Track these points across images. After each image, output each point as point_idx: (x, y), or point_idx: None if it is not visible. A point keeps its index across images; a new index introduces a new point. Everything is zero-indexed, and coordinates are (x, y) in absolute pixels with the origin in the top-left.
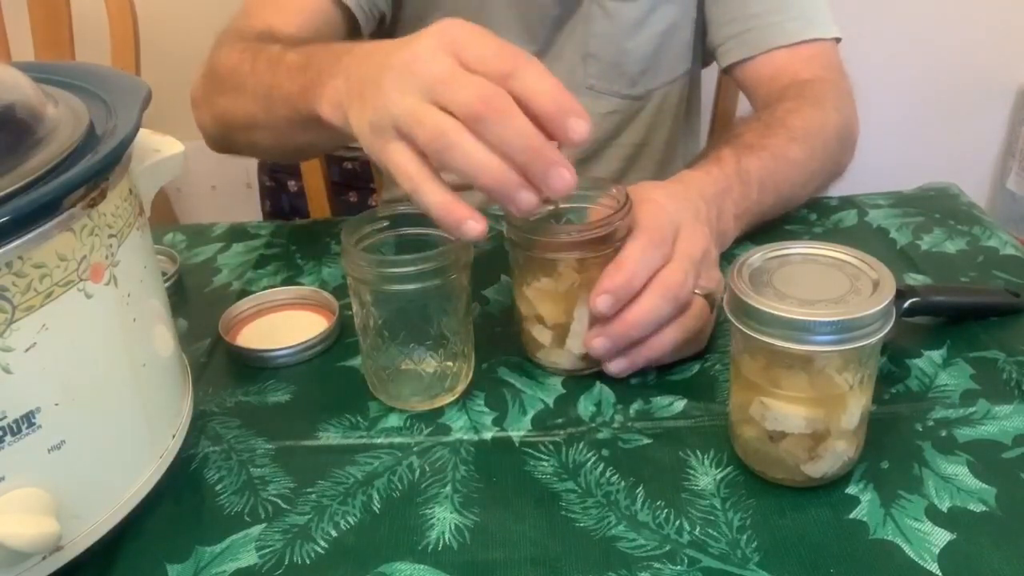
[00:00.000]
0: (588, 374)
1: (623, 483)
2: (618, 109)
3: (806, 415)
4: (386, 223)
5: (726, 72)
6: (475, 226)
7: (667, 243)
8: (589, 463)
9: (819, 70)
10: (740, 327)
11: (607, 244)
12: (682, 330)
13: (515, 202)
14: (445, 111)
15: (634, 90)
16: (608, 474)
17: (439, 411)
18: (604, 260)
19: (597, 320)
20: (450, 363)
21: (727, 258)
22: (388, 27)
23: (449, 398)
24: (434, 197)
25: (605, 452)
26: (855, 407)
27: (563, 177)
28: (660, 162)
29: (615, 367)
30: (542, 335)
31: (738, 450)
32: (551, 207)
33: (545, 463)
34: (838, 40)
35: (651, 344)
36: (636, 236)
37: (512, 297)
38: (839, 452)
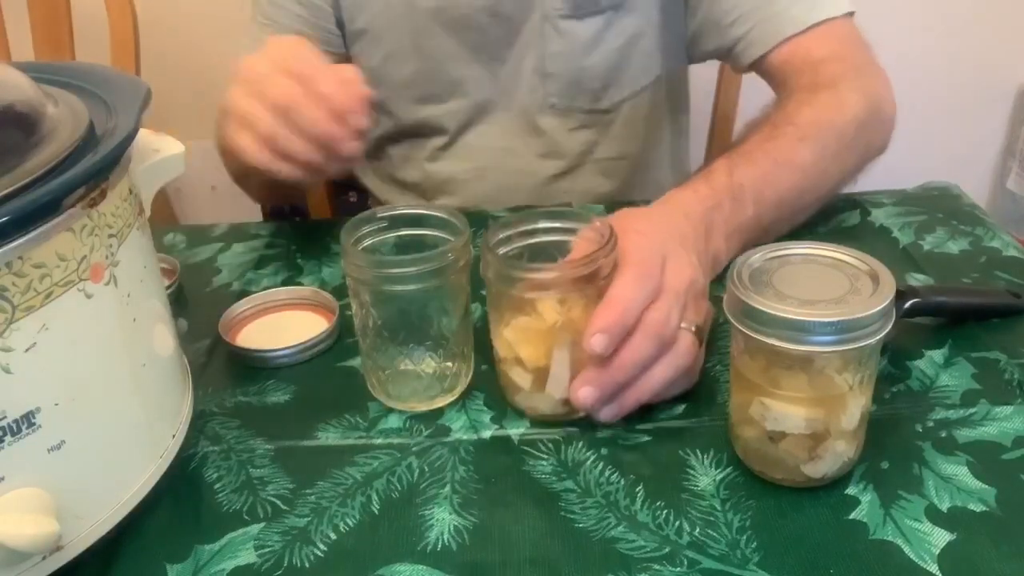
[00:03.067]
0: (572, 420)
1: (623, 482)
2: (585, 124)
3: (806, 415)
4: (385, 223)
5: (751, 69)
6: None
7: (655, 276)
8: (588, 462)
9: (834, 45)
10: (740, 327)
11: (591, 282)
12: (671, 368)
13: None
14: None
15: (599, 104)
16: (608, 473)
17: (438, 411)
18: (587, 298)
19: (579, 365)
20: (449, 363)
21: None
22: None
23: (448, 399)
24: (279, 163)
25: (604, 451)
26: (855, 407)
27: (350, 147)
28: (645, 169)
29: (605, 415)
30: (521, 378)
31: (738, 450)
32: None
33: (544, 462)
34: (851, 14)
35: (640, 386)
36: (624, 271)
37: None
38: (839, 452)
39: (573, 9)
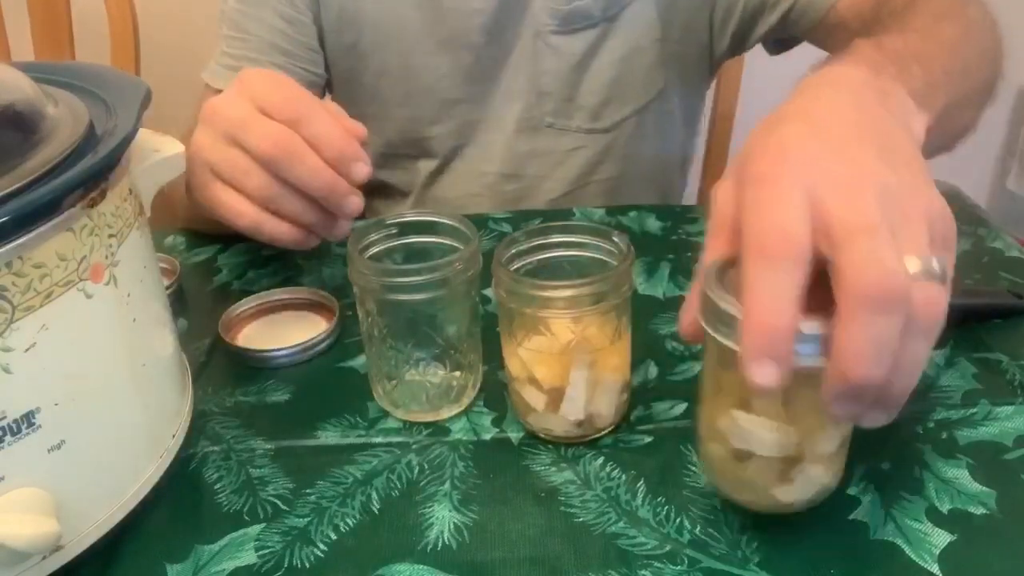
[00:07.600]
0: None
1: (623, 477)
2: (584, 144)
3: (779, 434)
4: (394, 230)
5: (807, 38)
6: (344, 222)
7: (792, 253)
8: (589, 454)
9: None
10: (713, 334)
11: (607, 299)
12: (922, 344)
13: (342, 208)
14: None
15: (598, 123)
16: (608, 468)
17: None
18: (603, 317)
19: (595, 386)
20: (457, 373)
21: None
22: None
23: (455, 409)
24: (278, 228)
25: (605, 450)
26: (834, 429)
27: (354, 203)
28: (652, 180)
29: (868, 421)
30: (535, 399)
31: (704, 471)
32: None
33: (543, 455)
34: None
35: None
36: (745, 261)
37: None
38: (813, 478)
39: (563, 24)
